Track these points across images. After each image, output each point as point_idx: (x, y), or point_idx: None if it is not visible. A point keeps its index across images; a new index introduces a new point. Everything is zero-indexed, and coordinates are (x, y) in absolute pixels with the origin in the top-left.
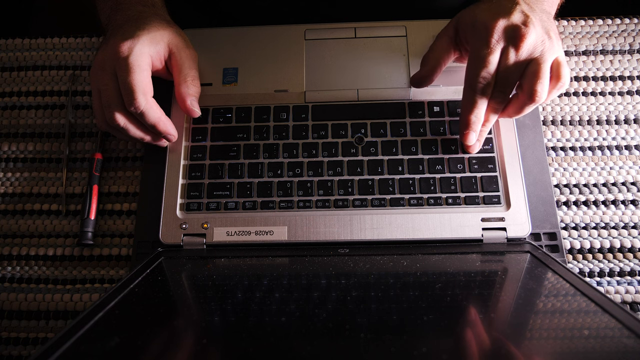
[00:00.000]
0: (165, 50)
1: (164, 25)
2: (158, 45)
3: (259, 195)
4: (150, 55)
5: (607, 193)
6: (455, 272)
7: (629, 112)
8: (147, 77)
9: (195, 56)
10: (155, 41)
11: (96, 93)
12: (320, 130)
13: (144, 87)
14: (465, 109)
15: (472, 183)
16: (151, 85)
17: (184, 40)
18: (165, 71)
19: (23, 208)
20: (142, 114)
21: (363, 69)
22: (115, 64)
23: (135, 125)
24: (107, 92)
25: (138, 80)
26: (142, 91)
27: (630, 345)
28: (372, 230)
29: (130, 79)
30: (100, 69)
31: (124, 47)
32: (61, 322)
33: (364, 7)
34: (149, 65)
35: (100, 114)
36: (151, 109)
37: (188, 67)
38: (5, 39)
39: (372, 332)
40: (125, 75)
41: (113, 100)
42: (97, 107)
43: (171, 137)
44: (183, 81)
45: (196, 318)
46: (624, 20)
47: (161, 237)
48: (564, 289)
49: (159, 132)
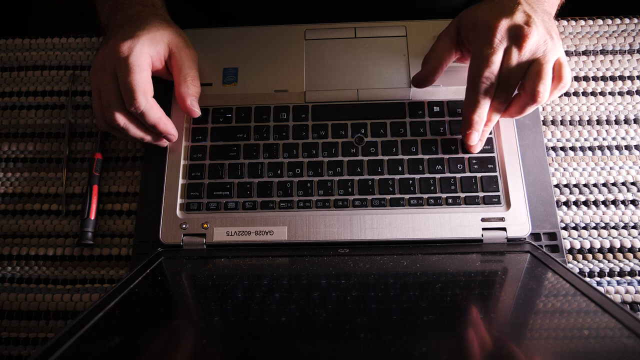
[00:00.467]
0: (165, 50)
1: (164, 25)
2: (158, 45)
3: (259, 195)
4: (150, 55)
5: (607, 193)
6: (455, 272)
7: (629, 112)
8: (147, 77)
9: (195, 56)
10: (155, 41)
11: (96, 93)
12: (320, 130)
13: (144, 87)
14: (467, 109)
15: (472, 183)
16: (151, 85)
17: (184, 40)
18: (166, 71)
19: (23, 208)
20: (142, 114)
21: (363, 69)
22: (115, 64)
23: (135, 125)
24: (107, 92)
25: (138, 80)
26: (143, 91)
27: (630, 345)
28: (372, 230)
29: (131, 79)
30: (100, 69)
31: (124, 47)
32: (61, 322)
33: (364, 7)
34: (149, 65)
35: (100, 114)
36: (151, 109)
37: (188, 67)
38: (5, 39)
39: (372, 332)
40: (126, 76)
41: (113, 100)
42: (97, 107)
43: (171, 137)
44: (183, 81)
45: (196, 318)
46: (624, 20)
47: (161, 237)
48: (564, 289)
49: (159, 132)
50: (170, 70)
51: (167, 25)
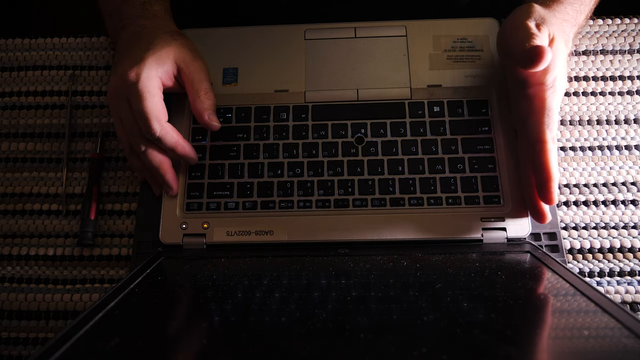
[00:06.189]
0: (174, 68)
1: (168, 39)
2: (165, 65)
3: (259, 195)
4: (159, 77)
5: (607, 193)
6: (455, 272)
7: (629, 112)
8: (158, 102)
9: (204, 66)
10: (161, 61)
11: (118, 121)
12: (320, 130)
13: (157, 113)
14: (546, 157)
15: (472, 183)
16: (164, 109)
17: (191, 51)
18: (178, 86)
19: (23, 208)
20: (159, 139)
21: (363, 69)
22: (127, 92)
23: (156, 150)
24: (128, 120)
25: (149, 107)
26: (156, 117)
27: (630, 345)
28: (372, 230)
29: (142, 107)
30: (116, 97)
31: (131, 75)
32: (61, 322)
33: (364, 7)
34: (159, 89)
35: (125, 140)
36: (167, 134)
37: (199, 81)
38: (5, 39)
39: (372, 332)
40: (137, 104)
41: (134, 125)
42: (120, 134)
43: (191, 161)
44: (196, 97)
45: (196, 318)
46: (624, 20)
47: (161, 237)
48: (563, 289)
49: (178, 155)
50: (182, 85)
51: (172, 39)
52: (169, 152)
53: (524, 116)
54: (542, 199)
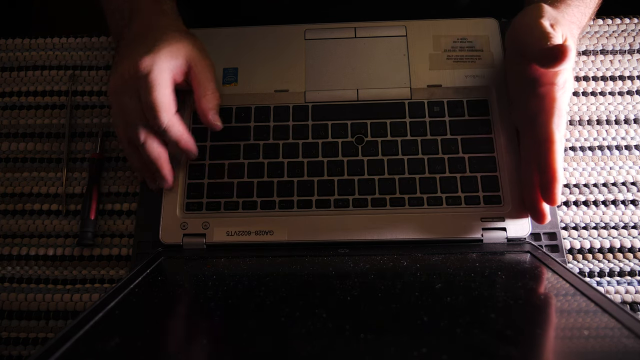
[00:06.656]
0: (185, 64)
1: (182, 37)
2: (178, 60)
3: (259, 195)
4: (171, 71)
5: (607, 193)
6: (455, 272)
7: (629, 112)
8: (169, 94)
9: (211, 66)
10: (174, 55)
11: (118, 110)
12: (320, 131)
13: (167, 104)
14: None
15: (472, 183)
16: (174, 102)
17: (200, 51)
18: (185, 83)
19: (23, 208)
20: (165, 130)
21: (363, 69)
22: (137, 82)
23: (156, 141)
24: (130, 110)
25: (160, 97)
26: (165, 108)
27: (630, 345)
28: (372, 230)
29: (153, 97)
30: (121, 85)
31: (144, 64)
32: (61, 322)
33: (364, 7)
34: (171, 82)
35: (122, 130)
36: (174, 126)
37: (207, 80)
38: (5, 39)
39: (372, 332)
40: (148, 93)
41: (137, 117)
42: (119, 129)
43: (191, 155)
44: (203, 95)
45: (196, 318)
46: (624, 20)
47: (161, 237)
48: (563, 289)
49: (180, 148)
50: (189, 82)
51: (184, 37)
52: (171, 145)
53: (532, 115)
54: (545, 199)
